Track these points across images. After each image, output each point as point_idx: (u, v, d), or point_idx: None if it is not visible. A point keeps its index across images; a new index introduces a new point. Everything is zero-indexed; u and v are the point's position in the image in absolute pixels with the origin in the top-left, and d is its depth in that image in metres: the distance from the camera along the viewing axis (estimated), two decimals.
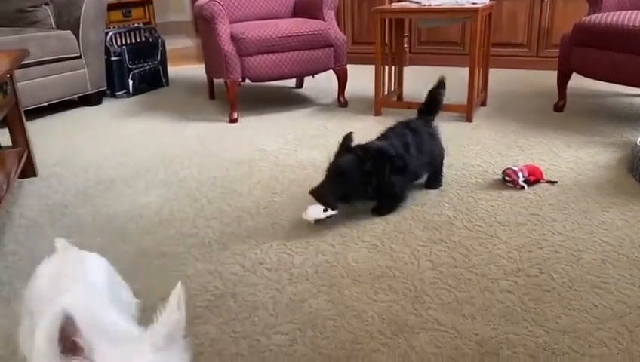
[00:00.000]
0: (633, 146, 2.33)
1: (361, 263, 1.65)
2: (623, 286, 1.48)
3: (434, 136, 2.13)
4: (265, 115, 3.30)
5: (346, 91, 3.42)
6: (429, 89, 2.21)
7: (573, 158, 2.39)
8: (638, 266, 1.57)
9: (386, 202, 1.96)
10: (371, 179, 1.87)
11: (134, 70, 3.93)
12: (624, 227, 1.79)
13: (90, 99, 3.67)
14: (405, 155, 1.94)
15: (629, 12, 2.72)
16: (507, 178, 2.12)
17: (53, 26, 3.60)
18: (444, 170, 2.21)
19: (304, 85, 3.97)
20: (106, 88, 3.76)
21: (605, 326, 1.33)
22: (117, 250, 1.79)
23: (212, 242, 1.81)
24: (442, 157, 2.17)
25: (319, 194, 1.85)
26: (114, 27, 4.45)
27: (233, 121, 3.17)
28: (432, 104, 2.18)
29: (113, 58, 3.81)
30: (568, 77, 3.03)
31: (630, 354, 1.23)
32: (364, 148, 1.92)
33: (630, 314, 1.36)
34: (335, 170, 1.87)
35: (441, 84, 2.18)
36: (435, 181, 2.16)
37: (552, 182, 2.14)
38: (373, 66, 3.14)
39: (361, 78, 3.79)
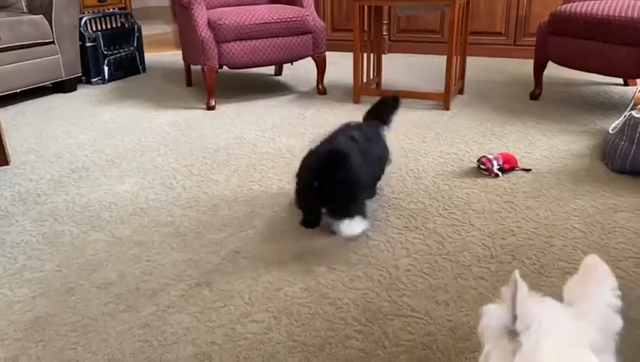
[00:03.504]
0: (605, 134, 2.37)
1: (338, 251, 1.66)
2: None
3: (380, 137, 1.95)
4: (243, 102, 3.28)
5: (325, 79, 3.41)
6: (382, 99, 2.08)
7: (548, 146, 2.42)
8: (607, 252, 1.60)
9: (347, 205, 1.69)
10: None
11: (110, 56, 3.86)
12: (595, 214, 1.82)
13: (64, 86, 3.60)
14: (356, 152, 1.74)
15: (604, 1, 2.76)
16: (482, 166, 2.14)
17: (25, 10, 3.51)
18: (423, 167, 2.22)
19: (283, 73, 3.94)
20: (80, 75, 3.68)
21: None
22: (91, 238, 1.77)
23: (188, 231, 1.80)
24: (386, 161, 1.99)
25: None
26: (88, 12, 4.36)
27: (210, 108, 3.14)
28: (386, 113, 2.03)
29: (88, 44, 3.74)
30: (544, 65, 3.06)
31: None
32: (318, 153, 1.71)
33: None
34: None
35: (394, 102, 2.07)
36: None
37: (527, 170, 2.17)
38: (352, 54, 3.13)
39: (341, 66, 3.79)
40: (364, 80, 3.23)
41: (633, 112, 2.14)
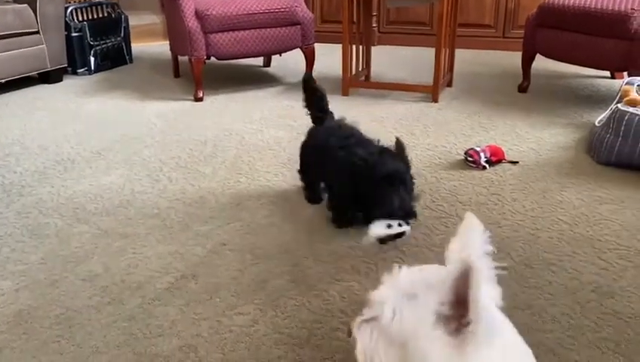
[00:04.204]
0: (592, 127, 2.38)
1: (325, 243, 1.66)
2: (577, 264, 1.52)
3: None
4: (231, 93, 3.25)
5: (313, 71, 3.38)
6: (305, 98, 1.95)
7: (535, 139, 2.43)
8: (592, 244, 1.61)
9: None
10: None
11: (96, 47, 3.82)
12: (580, 206, 1.84)
13: (50, 77, 3.55)
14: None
15: None
16: (469, 158, 2.14)
17: None
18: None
19: (272, 64, 3.92)
20: (66, 65, 3.64)
21: (559, 302, 1.37)
22: (75, 231, 1.75)
23: (174, 223, 1.79)
24: None
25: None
26: (74, 2, 4.30)
27: (198, 99, 3.11)
28: (321, 107, 1.93)
29: (74, 34, 3.69)
30: (532, 58, 3.07)
31: (580, 329, 1.27)
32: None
33: (582, 291, 1.41)
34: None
35: (311, 89, 1.94)
36: None
37: (514, 163, 2.18)
38: (341, 46, 3.12)
39: (330, 58, 3.77)
40: (353, 72, 3.22)
41: (619, 105, 2.15)
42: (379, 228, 1.58)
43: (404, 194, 1.59)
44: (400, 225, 1.58)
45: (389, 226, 1.58)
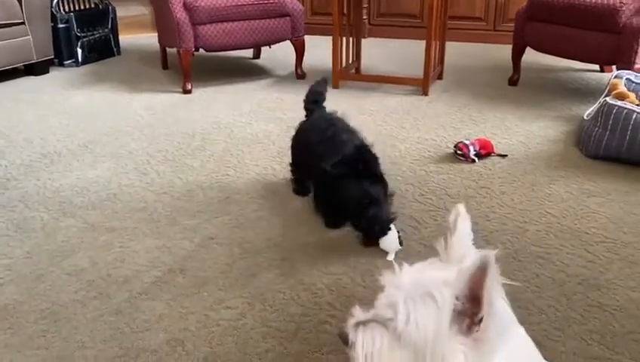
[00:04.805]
0: (580, 120, 2.39)
1: (313, 236, 1.65)
2: (564, 257, 1.53)
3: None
4: (220, 86, 3.23)
5: (304, 63, 3.38)
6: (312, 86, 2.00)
7: (524, 132, 2.44)
8: (579, 237, 1.62)
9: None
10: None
11: (83, 38, 3.77)
12: (568, 199, 1.84)
13: (36, 69, 3.50)
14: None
15: None
16: (459, 151, 2.14)
17: None
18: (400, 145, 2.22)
19: (261, 56, 3.90)
20: (53, 57, 3.59)
21: (545, 294, 1.37)
22: (62, 225, 1.73)
23: (161, 217, 1.77)
24: None
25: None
26: None
27: (187, 92, 3.09)
28: (318, 99, 1.96)
29: (60, 25, 3.64)
30: (522, 51, 3.07)
31: (567, 321, 1.28)
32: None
33: (569, 283, 1.41)
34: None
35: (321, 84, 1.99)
36: None
37: (503, 156, 2.18)
38: (331, 38, 3.10)
39: (321, 50, 3.75)
40: (344, 64, 3.21)
41: (607, 99, 2.16)
42: (392, 243, 1.54)
43: (380, 211, 1.54)
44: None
45: (390, 230, 1.55)
